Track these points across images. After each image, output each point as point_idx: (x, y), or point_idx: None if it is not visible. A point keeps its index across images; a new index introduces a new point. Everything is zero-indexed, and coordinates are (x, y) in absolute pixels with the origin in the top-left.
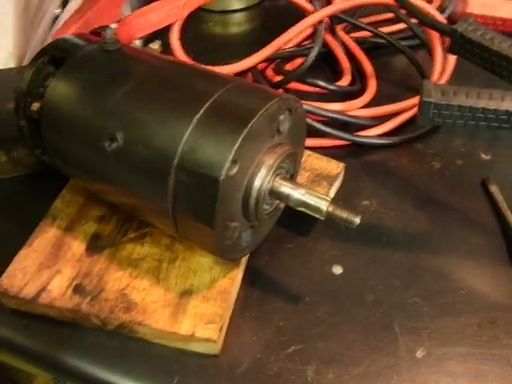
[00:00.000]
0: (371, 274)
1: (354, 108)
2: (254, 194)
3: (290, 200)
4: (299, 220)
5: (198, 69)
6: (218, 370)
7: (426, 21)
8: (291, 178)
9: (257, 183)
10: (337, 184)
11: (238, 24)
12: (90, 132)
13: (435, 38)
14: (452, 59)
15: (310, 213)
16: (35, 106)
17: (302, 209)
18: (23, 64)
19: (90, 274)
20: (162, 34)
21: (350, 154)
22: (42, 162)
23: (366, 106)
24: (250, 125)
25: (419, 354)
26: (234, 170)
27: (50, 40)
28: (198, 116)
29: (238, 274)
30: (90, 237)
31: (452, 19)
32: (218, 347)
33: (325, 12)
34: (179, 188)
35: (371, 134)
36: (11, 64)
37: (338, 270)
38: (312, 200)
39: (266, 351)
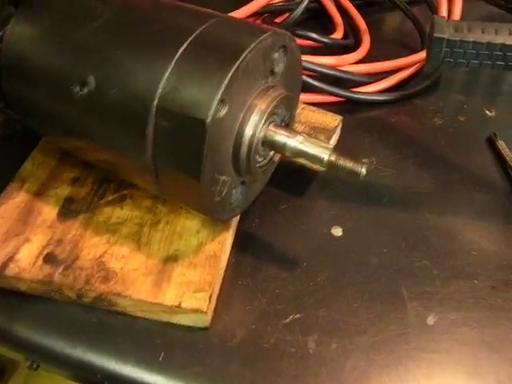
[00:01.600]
0: (373, 235)
1: (348, 63)
2: (246, 142)
3: (287, 149)
4: (293, 179)
5: (178, 3)
6: (209, 344)
7: None
8: (286, 126)
9: (248, 130)
10: (334, 138)
11: None
12: (58, 77)
13: None
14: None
15: (309, 164)
16: None
17: (301, 160)
18: None
19: (62, 242)
20: None
21: (344, 111)
22: (5, 123)
23: (359, 63)
24: (240, 58)
25: (430, 320)
26: (223, 112)
27: None
28: (180, 51)
29: (228, 238)
30: (62, 201)
31: None
32: (207, 319)
33: None
34: (160, 135)
35: (369, 91)
36: None
37: (337, 231)
38: (312, 148)
39: (262, 322)
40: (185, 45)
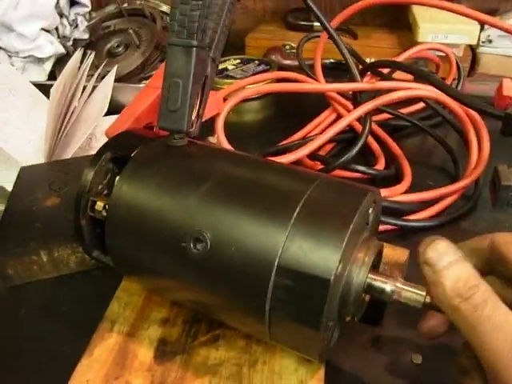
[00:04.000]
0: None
1: (397, 193)
2: (353, 291)
3: (385, 294)
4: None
5: (275, 164)
6: None
7: (475, 106)
8: (377, 269)
9: (355, 280)
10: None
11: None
12: (169, 232)
13: (468, 124)
14: (486, 147)
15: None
16: (99, 205)
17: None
18: (52, 159)
19: None
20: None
21: (397, 237)
22: (83, 261)
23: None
24: (353, 221)
25: None
26: (339, 269)
27: (80, 133)
28: (295, 214)
29: (323, 373)
30: (156, 342)
31: None
32: None
33: (369, 106)
34: (279, 291)
35: (420, 218)
36: (41, 159)
37: (417, 359)
38: (409, 293)
39: None
40: (298, 208)
